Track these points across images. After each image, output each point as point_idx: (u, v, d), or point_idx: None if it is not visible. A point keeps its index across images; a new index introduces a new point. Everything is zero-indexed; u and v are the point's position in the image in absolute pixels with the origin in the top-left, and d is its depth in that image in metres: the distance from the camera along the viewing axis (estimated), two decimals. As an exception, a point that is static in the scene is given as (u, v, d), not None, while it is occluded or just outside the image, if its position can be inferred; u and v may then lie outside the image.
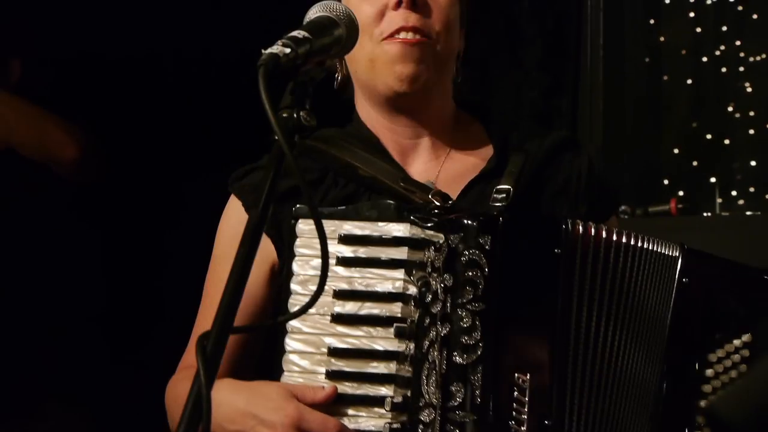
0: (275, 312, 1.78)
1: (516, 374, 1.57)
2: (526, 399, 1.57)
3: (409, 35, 1.73)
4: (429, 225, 1.62)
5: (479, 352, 1.56)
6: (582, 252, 1.62)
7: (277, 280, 1.77)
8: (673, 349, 1.66)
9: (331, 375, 1.61)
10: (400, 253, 1.62)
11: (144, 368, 2.63)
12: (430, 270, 1.61)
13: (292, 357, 1.63)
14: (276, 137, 1.30)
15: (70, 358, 2.81)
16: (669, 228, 3.05)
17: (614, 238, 1.64)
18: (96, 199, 2.90)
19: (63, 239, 2.84)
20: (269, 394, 1.61)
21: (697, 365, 1.66)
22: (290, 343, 1.63)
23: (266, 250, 1.77)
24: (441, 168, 1.83)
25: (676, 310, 1.66)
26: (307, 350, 1.64)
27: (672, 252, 1.67)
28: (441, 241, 1.60)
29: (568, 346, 1.59)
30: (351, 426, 1.59)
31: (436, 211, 1.66)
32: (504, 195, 1.75)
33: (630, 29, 3.48)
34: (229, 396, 1.64)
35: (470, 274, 1.58)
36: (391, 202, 1.67)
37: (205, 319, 1.79)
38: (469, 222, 1.60)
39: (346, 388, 1.60)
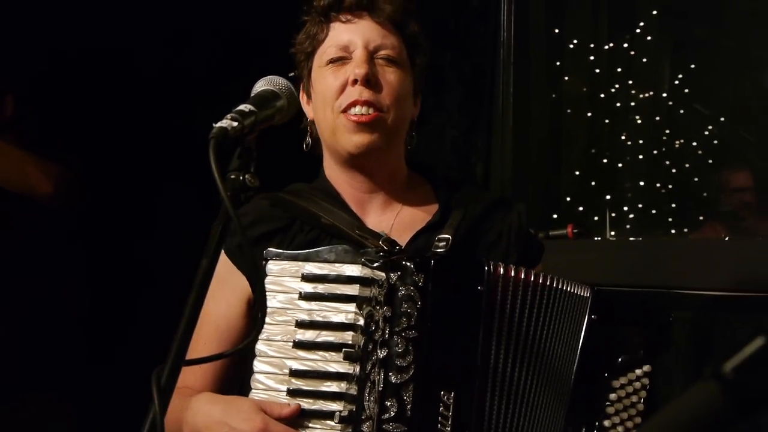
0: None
1: (442, 392, 1.62)
2: (450, 414, 1.62)
3: (363, 109, 1.80)
4: (376, 265, 1.68)
5: (411, 373, 1.61)
6: (503, 290, 1.67)
7: (252, 313, 1.85)
8: (582, 374, 1.72)
9: (292, 393, 1.67)
10: (353, 289, 1.69)
11: (120, 363, 2.64)
12: (374, 303, 1.66)
13: (259, 377, 1.69)
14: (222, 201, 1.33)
15: (51, 353, 2.80)
16: (566, 249, 3.10)
17: (532, 279, 1.71)
18: (80, 210, 2.89)
19: (47, 243, 2.83)
20: (242, 406, 1.66)
21: (602, 388, 1.72)
22: (258, 365, 1.69)
23: (242, 287, 1.86)
24: (395, 219, 1.90)
25: (585, 342, 1.72)
26: (271, 371, 1.68)
27: (584, 293, 1.74)
28: (383, 279, 1.66)
29: (488, 369, 1.64)
30: None
31: (381, 254, 1.71)
32: (444, 243, 1.82)
33: (536, 74, 3.53)
34: (207, 406, 1.70)
35: (405, 306, 1.63)
36: (347, 246, 1.73)
37: (191, 350, 1.83)
38: (406, 263, 1.65)
39: (303, 404, 1.66)
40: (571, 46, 3.57)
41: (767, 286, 2.59)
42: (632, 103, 3.55)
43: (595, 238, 3.39)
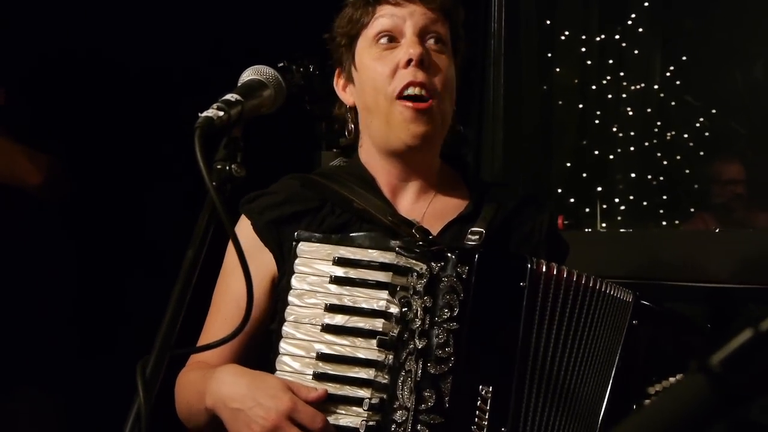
0: (271, 319, 1.79)
1: (480, 386, 1.60)
2: (488, 408, 1.60)
3: (418, 90, 1.76)
4: (412, 255, 1.66)
5: (450, 365, 1.60)
6: (544, 287, 1.65)
7: (276, 290, 1.79)
8: (620, 378, 1.69)
9: (318, 376, 1.64)
10: (386, 276, 1.66)
11: (111, 358, 2.63)
12: (411, 293, 1.64)
13: (285, 359, 1.66)
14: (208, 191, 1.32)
15: (41, 346, 2.79)
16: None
17: (574, 278, 1.68)
18: (69, 201, 2.88)
19: (36, 235, 2.82)
20: (270, 383, 1.62)
21: (638, 393, 1.69)
22: (284, 346, 1.66)
23: (268, 264, 1.80)
24: (427, 208, 1.86)
25: (625, 346, 1.69)
26: (298, 353, 1.66)
27: (626, 297, 1.71)
28: (423, 269, 1.64)
29: (527, 366, 1.62)
30: (331, 421, 1.61)
31: (420, 243, 1.68)
32: (477, 236, 1.79)
33: (527, 66, 3.52)
34: (234, 378, 1.66)
35: (448, 297, 1.62)
36: (382, 233, 1.71)
37: (212, 323, 1.83)
38: (449, 254, 1.64)
39: (329, 388, 1.63)
40: (563, 37, 3.56)
41: (758, 277, 2.58)
42: (623, 95, 3.56)
43: (585, 230, 3.39)
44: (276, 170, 1.95)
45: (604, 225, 3.46)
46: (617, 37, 3.50)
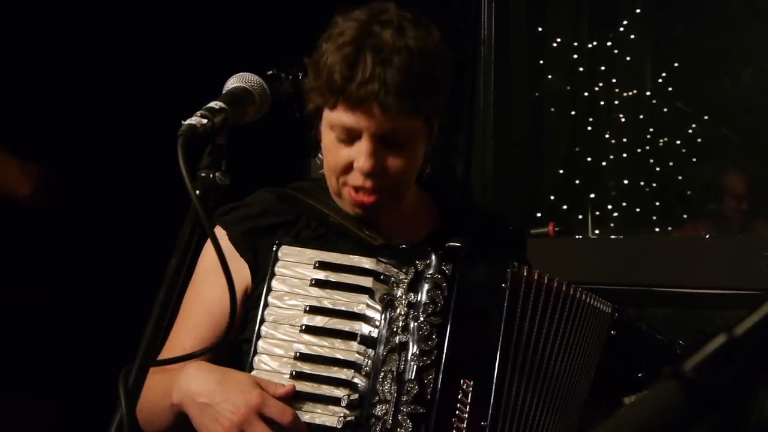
0: (239, 327, 1.79)
1: (462, 380, 1.63)
2: (469, 401, 1.63)
3: (367, 194, 1.75)
4: (393, 262, 1.70)
5: (433, 358, 1.63)
6: (525, 290, 1.69)
7: (248, 301, 1.79)
8: (598, 383, 1.72)
9: (296, 376, 1.66)
10: (366, 281, 1.69)
11: (99, 364, 2.62)
12: (394, 292, 1.67)
13: (263, 357, 1.68)
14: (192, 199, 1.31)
15: (34, 354, 2.78)
16: (547, 247, 3.09)
17: (555, 285, 1.72)
18: (59, 210, 2.88)
19: (26, 244, 2.81)
20: (239, 379, 1.62)
21: (615, 402, 1.71)
22: (263, 345, 1.68)
23: (242, 275, 1.80)
24: (400, 224, 1.85)
25: (604, 353, 1.73)
26: (276, 353, 1.68)
27: (605, 308, 1.75)
28: (406, 269, 1.68)
29: (508, 363, 1.66)
30: (306, 419, 1.62)
31: (402, 246, 1.72)
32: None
33: (518, 73, 3.52)
34: (202, 373, 1.65)
35: (431, 293, 1.66)
36: (363, 241, 1.74)
37: (180, 329, 1.82)
38: (434, 251, 1.68)
39: (307, 387, 1.65)
40: (554, 44, 3.56)
41: (749, 283, 2.58)
42: (615, 102, 3.54)
43: (576, 237, 3.39)
44: (265, 178, 1.95)
45: (597, 232, 3.45)
46: (609, 43, 3.50)
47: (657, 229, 3.41)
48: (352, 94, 1.65)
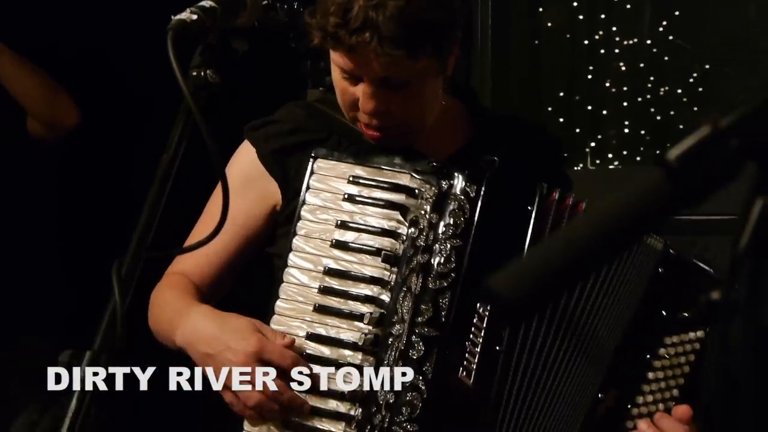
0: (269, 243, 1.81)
1: (478, 304, 1.61)
2: (484, 326, 1.60)
3: (375, 131, 1.70)
4: (425, 178, 1.66)
5: (450, 280, 1.61)
6: (555, 215, 1.63)
7: (277, 219, 1.79)
8: (638, 321, 1.65)
9: (323, 290, 1.66)
10: (399, 197, 1.66)
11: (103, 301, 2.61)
12: (421, 210, 1.65)
13: (293, 271, 1.68)
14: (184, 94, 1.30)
15: (38, 295, 2.76)
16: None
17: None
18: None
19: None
20: (239, 326, 1.63)
21: (653, 342, 1.65)
22: (293, 258, 1.68)
23: (271, 192, 1.79)
24: (434, 139, 1.79)
25: (647, 292, 1.64)
26: (306, 266, 1.68)
27: (656, 244, 1.64)
28: (434, 186, 1.64)
29: None
30: (332, 335, 1.64)
31: (434, 164, 1.67)
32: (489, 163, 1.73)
33: (516, 19, 3.50)
34: (204, 321, 1.67)
35: (454, 215, 1.63)
36: (401, 156, 1.70)
37: (200, 227, 1.82)
38: (459, 172, 1.65)
39: (333, 302, 1.65)
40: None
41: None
42: (616, 50, 3.52)
43: (575, 168, 3.37)
44: (262, 109, 1.93)
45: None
46: (608, -9, 3.48)
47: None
48: (345, 42, 1.58)
